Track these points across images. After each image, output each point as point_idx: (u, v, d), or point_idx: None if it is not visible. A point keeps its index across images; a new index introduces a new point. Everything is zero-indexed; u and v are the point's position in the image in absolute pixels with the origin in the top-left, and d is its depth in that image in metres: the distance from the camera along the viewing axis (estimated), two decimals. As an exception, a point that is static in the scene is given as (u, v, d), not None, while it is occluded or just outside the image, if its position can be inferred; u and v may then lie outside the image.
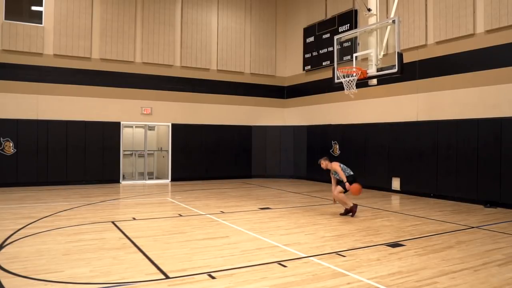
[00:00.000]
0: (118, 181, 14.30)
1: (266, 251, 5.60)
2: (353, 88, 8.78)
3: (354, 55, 9.26)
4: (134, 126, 15.44)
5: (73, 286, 4.21)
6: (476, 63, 10.34)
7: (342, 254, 5.46)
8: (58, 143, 13.35)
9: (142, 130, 15.36)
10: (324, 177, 15.54)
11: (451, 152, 10.70)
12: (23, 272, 4.57)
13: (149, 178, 15.38)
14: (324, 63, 15.30)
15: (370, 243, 6.10)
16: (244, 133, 16.66)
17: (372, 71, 8.64)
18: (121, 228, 7.02)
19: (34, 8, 13.39)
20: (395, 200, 11.00)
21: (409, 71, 11.37)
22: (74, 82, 13.76)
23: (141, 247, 5.73)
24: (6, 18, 12.82)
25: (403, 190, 12.00)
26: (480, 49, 10.26)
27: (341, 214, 8.47)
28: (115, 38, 14.31)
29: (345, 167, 8.43)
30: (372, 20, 9.01)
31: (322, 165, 8.54)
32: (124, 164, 14.94)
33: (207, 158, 15.87)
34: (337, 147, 14.48)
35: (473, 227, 7.39)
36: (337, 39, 9.80)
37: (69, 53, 13.62)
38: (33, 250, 5.51)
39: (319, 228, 7.20)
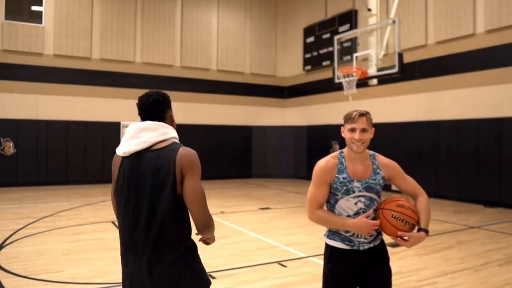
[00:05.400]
0: (118, 181, 14.27)
1: (266, 251, 5.60)
2: (353, 88, 8.79)
3: (354, 55, 9.27)
4: (134, 126, 15.43)
5: (73, 286, 4.21)
6: (476, 63, 10.33)
7: (342, 254, 5.46)
8: (58, 143, 13.34)
9: (142, 130, 15.34)
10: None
11: (451, 152, 10.69)
12: (23, 272, 4.56)
13: (149, 178, 15.36)
14: (324, 63, 15.29)
15: (370, 243, 6.10)
16: (244, 133, 16.65)
17: (372, 71, 8.66)
18: (121, 228, 7.02)
19: (34, 8, 13.38)
20: (395, 200, 10.99)
21: (409, 71, 11.36)
22: (74, 82, 13.75)
23: (141, 247, 5.72)
24: (6, 18, 12.81)
25: (403, 190, 11.99)
26: (480, 49, 10.25)
27: None
28: (115, 38, 14.31)
29: None
30: (372, 20, 9.03)
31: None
32: (124, 164, 14.91)
33: (207, 158, 15.81)
34: (337, 147, 14.47)
35: (473, 227, 7.39)
36: (337, 39, 9.81)
37: (69, 53, 13.61)
38: (33, 250, 5.50)
39: (319, 228, 7.20)
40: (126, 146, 1.97)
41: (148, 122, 2.01)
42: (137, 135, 1.97)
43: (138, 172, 1.92)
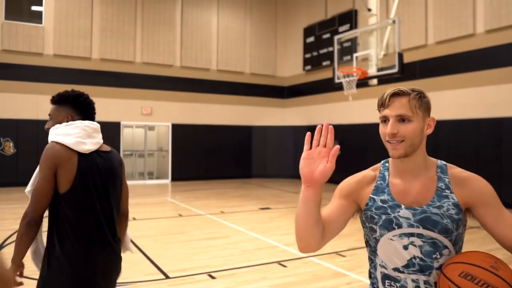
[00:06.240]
0: (118, 181, 14.28)
1: (266, 251, 5.60)
2: (353, 88, 8.80)
3: (354, 55, 9.27)
4: (134, 126, 15.44)
5: (73, 286, 4.20)
6: (476, 63, 10.34)
7: (342, 254, 5.46)
8: (58, 143, 13.33)
9: (142, 130, 15.36)
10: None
11: (451, 152, 10.69)
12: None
13: (149, 178, 15.38)
14: (324, 63, 15.29)
15: (370, 243, 6.11)
16: (244, 133, 16.65)
17: (372, 71, 8.67)
18: (121, 228, 7.02)
19: (34, 8, 13.39)
20: (395, 200, 11.00)
21: (409, 71, 11.37)
22: (74, 82, 13.70)
23: (141, 247, 5.73)
24: (6, 18, 12.81)
25: (403, 190, 11.99)
26: (480, 49, 10.26)
27: None
28: (115, 38, 14.31)
29: None
30: (372, 20, 9.03)
31: None
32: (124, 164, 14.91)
33: (207, 158, 15.86)
34: (337, 147, 14.47)
35: (473, 227, 7.39)
36: (337, 39, 9.81)
37: (69, 53, 13.62)
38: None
39: (319, 228, 7.20)
40: (89, 144, 2.01)
41: (96, 124, 2.12)
42: (92, 135, 2.05)
43: (100, 170, 2.03)
